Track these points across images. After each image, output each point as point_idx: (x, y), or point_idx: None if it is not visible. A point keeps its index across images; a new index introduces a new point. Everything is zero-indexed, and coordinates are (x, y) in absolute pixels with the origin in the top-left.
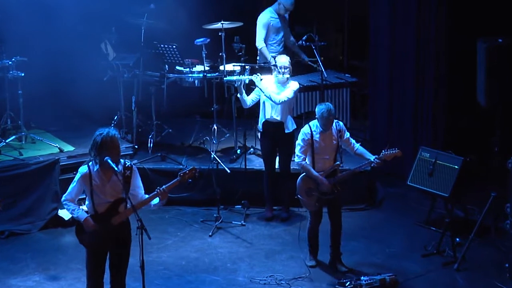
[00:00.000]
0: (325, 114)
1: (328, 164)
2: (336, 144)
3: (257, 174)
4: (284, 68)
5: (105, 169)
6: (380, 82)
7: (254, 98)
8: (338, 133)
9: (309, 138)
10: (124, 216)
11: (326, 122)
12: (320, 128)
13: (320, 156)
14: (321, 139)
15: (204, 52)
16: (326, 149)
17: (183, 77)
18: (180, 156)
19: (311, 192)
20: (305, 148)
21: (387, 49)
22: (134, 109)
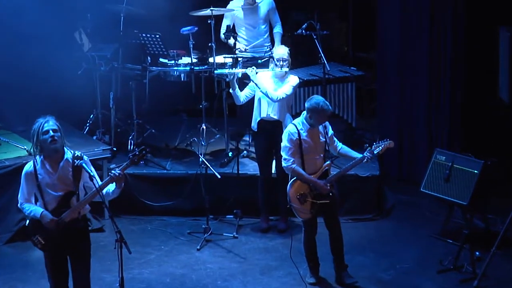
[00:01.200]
0: (325, 107)
1: (320, 164)
2: (325, 142)
3: (251, 179)
4: (283, 60)
5: (50, 160)
6: (390, 76)
7: (248, 94)
8: (324, 129)
9: (296, 138)
10: (77, 210)
11: (323, 116)
12: (308, 125)
13: (310, 156)
14: (309, 138)
15: (191, 42)
16: (316, 148)
17: (167, 71)
18: (164, 160)
19: (304, 198)
20: (294, 150)
21: (397, 39)
22: (112, 106)
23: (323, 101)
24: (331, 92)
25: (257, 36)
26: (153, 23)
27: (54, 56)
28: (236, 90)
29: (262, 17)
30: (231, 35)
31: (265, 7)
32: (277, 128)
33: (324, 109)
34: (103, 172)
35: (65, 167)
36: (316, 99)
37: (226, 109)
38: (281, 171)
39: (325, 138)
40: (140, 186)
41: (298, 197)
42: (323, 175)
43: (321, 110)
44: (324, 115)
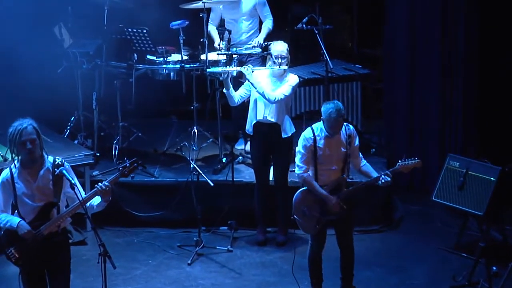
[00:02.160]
0: (333, 115)
1: (334, 176)
2: (345, 153)
3: (247, 187)
4: (281, 57)
5: (28, 168)
6: (398, 74)
7: (244, 94)
8: (347, 139)
9: (311, 144)
10: (57, 223)
11: (334, 125)
12: (326, 132)
13: (324, 166)
14: (326, 146)
15: (181, 37)
16: (332, 158)
17: (155, 69)
18: (153, 166)
19: (310, 211)
20: (308, 157)
21: (406, 34)
22: (95, 108)
23: (334, 107)
24: (334, 92)
25: (239, 32)
26: (139, 17)
27: (32, 53)
28: (230, 90)
29: (245, 12)
30: (225, 30)
31: (250, 2)
32: (274, 132)
33: (332, 117)
34: (85, 179)
35: (45, 176)
36: (326, 106)
37: (219, 110)
38: (279, 178)
39: (346, 149)
40: (126, 194)
41: (303, 209)
42: (335, 189)
43: (330, 119)
44: (335, 124)
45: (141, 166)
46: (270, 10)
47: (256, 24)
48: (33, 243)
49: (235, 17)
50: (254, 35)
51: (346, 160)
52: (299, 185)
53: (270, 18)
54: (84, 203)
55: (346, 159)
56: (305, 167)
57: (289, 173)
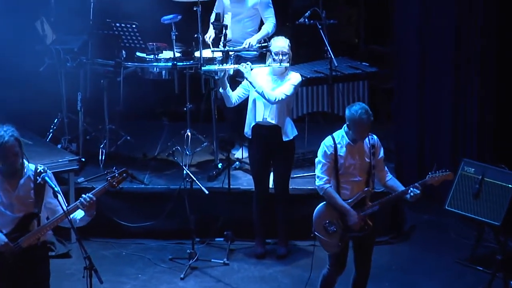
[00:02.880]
0: (363, 116)
1: (358, 189)
2: (369, 163)
3: (245, 196)
4: (282, 54)
5: (8, 177)
6: (409, 73)
7: (241, 94)
8: (371, 149)
9: (332, 153)
10: (37, 236)
11: (362, 129)
12: (348, 140)
13: (347, 177)
14: (348, 154)
15: (173, 33)
16: (355, 168)
17: (145, 67)
18: (142, 172)
19: (333, 227)
20: (329, 166)
21: (418, 29)
22: (80, 109)
23: (363, 109)
24: (339, 92)
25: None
26: (128, 10)
27: (12, 50)
28: (227, 89)
29: (249, 9)
30: (221, 25)
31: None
32: (275, 135)
33: (362, 119)
34: (69, 187)
35: (26, 185)
36: (355, 106)
37: (215, 112)
38: (280, 185)
39: (370, 159)
40: (113, 203)
41: (325, 225)
42: (359, 203)
43: (357, 122)
44: (364, 128)
45: (130, 176)
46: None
47: (255, 25)
48: (10, 256)
49: (239, 11)
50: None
51: (371, 172)
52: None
53: (272, 22)
54: (69, 214)
55: (371, 170)
56: (326, 178)
57: (290, 180)
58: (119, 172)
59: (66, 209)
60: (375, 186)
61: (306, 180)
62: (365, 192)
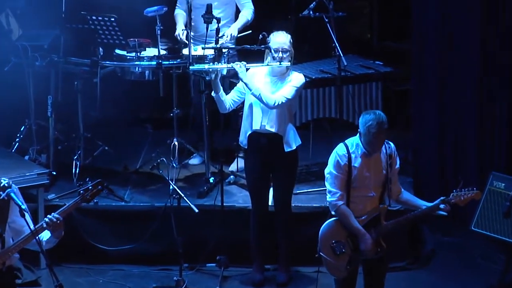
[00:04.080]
0: (374, 129)
1: (371, 206)
2: (385, 176)
3: (240, 215)
4: (283, 51)
5: None
6: (429, 73)
7: (236, 98)
8: (388, 159)
9: (345, 163)
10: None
11: (375, 141)
12: (363, 149)
13: (360, 191)
14: (363, 166)
15: (158, 27)
16: (370, 182)
17: (126, 66)
18: (122, 188)
19: (341, 248)
20: (342, 179)
21: (438, 22)
22: (50, 115)
23: (376, 118)
24: (349, 95)
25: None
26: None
27: None
28: (220, 93)
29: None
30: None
31: None
32: (275, 145)
33: (374, 130)
34: (38, 205)
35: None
36: (367, 115)
37: (206, 118)
38: (281, 202)
39: (387, 171)
40: (89, 223)
41: (333, 245)
42: (372, 222)
43: (370, 132)
44: (377, 138)
45: (107, 189)
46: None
47: (229, 15)
48: None
49: (205, 2)
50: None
51: (386, 185)
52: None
53: (251, 8)
54: (37, 234)
55: (386, 183)
56: (340, 193)
57: (293, 196)
58: (93, 184)
59: (34, 229)
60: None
61: (311, 197)
62: (379, 209)
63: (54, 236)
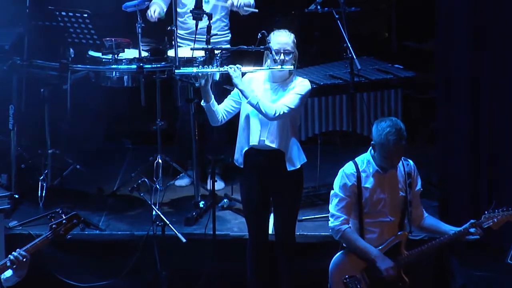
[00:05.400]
0: (391, 137)
1: (389, 233)
2: (404, 198)
3: (235, 245)
4: (285, 53)
5: None
6: (458, 77)
7: (231, 108)
8: (406, 179)
9: (354, 183)
10: None
11: (392, 153)
12: (376, 167)
13: (374, 217)
14: (377, 186)
15: (139, 24)
16: (386, 205)
17: (101, 71)
18: (97, 214)
19: (355, 283)
20: (348, 202)
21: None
22: (12, 127)
23: (392, 127)
24: (364, 104)
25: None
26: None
27: None
28: (211, 102)
29: None
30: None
31: None
32: (276, 163)
33: (390, 140)
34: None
35: None
36: (384, 123)
37: (195, 131)
38: (283, 230)
39: (405, 192)
40: (58, 255)
41: (346, 281)
42: (391, 252)
43: (386, 144)
44: (395, 151)
45: (83, 223)
46: None
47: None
48: None
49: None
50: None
51: (406, 209)
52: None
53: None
54: None
55: (406, 207)
56: (344, 217)
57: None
58: (68, 218)
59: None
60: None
61: (319, 224)
62: (399, 236)
63: (15, 275)
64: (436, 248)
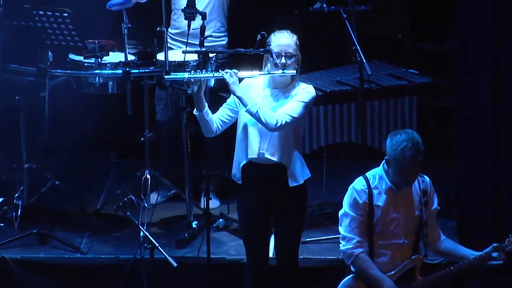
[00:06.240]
0: (411, 149)
1: (402, 256)
2: (419, 218)
3: (232, 270)
4: (287, 56)
5: None
6: (481, 85)
7: (226, 117)
8: (422, 197)
9: (365, 201)
10: None
11: (413, 166)
12: (389, 183)
13: (386, 239)
14: (389, 205)
15: (125, 25)
16: (400, 226)
17: (83, 76)
18: (79, 235)
19: None
20: (360, 222)
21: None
22: None
23: (409, 141)
24: (375, 113)
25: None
26: None
27: None
28: (204, 110)
29: None
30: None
31: None
32: (277, 179)
33: (406, 156)
34: None
35: None
36: (399, 136)
37: (187, 144)
38: (285, 253)
39: (421, 212)
40: (33, 279)
41: None
42: (404, 277)
43: (401, 159)
44: (411, 167)
45: None
46: None
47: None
48: None
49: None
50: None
51: (421, 230)
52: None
53: None
54: None
55: (421, 228)
56: (357, 240)
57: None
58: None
59: None
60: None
61: (325, 247)
62: (413, 261)
63: None
64: (455, 274)
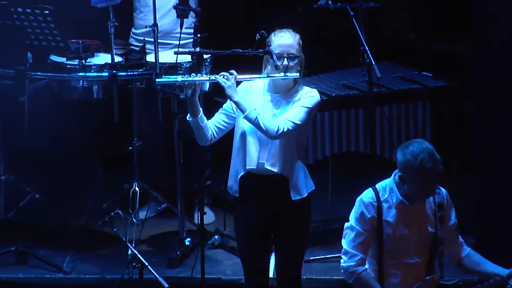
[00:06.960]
0: (428, 166)
1: (415, 277)
2: (433, 235)
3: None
4: (288, 57)
5: None
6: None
7: (223, 124)
8: (437, 210)
9: (373, 216)
10: None
11: (430, 184)
12: (400, 197)
13: (397, 258)
14: (400, 220)
15: (112, 23)
16: (411, 243)
17: (65, 79)
18: (61, 253)
19: None
20: (366, 239)
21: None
22: None
23: (425, 152)
24: (384, 119)
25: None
26: None
27: None
28: (199, 116)
29: None
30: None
31: None
32: (277, 191)
33: (425, 168)
34: None
35: None
36: (413, 147)
37: (179, 153)
38: (286, 273)
39: (435, 228)
40: None
41: None
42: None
43: (421, 172)
44: (428, 181)
45: None
46: None
47: None
48: None
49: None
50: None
51: (436, 248)
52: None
53: None
54: None
55: (436, 246)
56: (360, 257)
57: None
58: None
59: None
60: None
61: (330, 266)
62: (427, 282)
63: None
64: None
